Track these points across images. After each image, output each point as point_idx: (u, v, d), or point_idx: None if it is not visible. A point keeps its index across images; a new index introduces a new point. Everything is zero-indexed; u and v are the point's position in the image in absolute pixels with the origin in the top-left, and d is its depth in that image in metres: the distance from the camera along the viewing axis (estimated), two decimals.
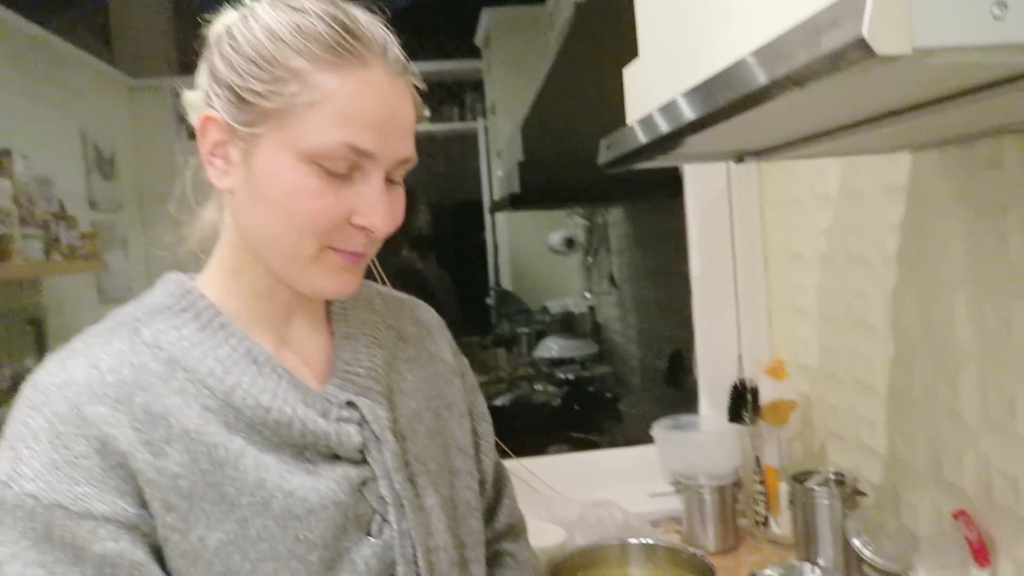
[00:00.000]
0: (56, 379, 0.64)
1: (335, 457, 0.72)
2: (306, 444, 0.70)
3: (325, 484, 0.70)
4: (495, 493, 0.94)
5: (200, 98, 0.70)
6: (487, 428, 0.92)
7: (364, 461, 0.73)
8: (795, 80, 0.48)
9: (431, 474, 0.79)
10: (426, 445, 0.80)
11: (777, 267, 1.53)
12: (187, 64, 0.75)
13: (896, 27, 0.40)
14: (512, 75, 3.66)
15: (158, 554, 0.64)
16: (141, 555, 0.62)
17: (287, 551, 0.67)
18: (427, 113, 4.17)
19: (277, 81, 0.65)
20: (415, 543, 0.73)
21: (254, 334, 0.72)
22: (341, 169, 0.66)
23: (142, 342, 0.68)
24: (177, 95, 0.74)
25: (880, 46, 0.40)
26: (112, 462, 0.62)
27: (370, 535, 0.72)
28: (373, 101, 0.66)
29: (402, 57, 0.70)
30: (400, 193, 0.73)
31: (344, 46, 0.65)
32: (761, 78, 0.53)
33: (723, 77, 0.61)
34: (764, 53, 0.53)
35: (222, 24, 0.69)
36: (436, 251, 2.39)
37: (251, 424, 0.68)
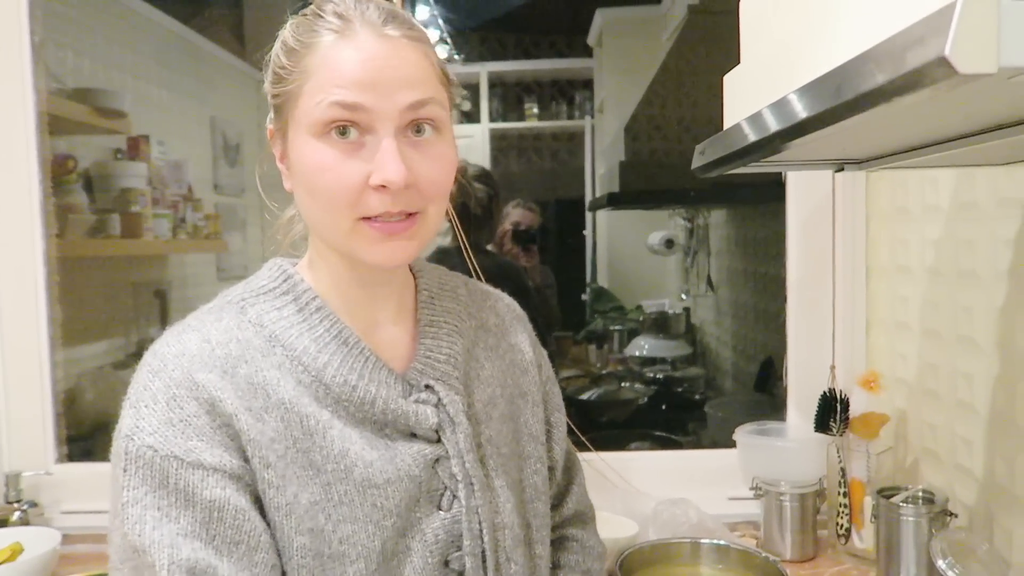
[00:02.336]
0: (173, 349, 0.71)
1: (413, 435, 0.77)
2: (386, 421, 0.75)
3: (402, 459, 0.75)
4: (565, 480, 0.98)
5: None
6: (560, 418, 0.95)
7: (439, 440, 0.78)
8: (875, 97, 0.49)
9: (502, 456, 0.84)
10: (499, 429, 0.84)
11: (879, 278, 1.49)
12: None
13: (982, 45, 0.39)
14: (623, 75, 3.65)
15: (259, 504, 0.70)
16: (244, 502, 0.68)
17: (364, 515, 0.72)
18: (535, 110, 4.21)
19: (281, 81, 0.73)
20: (482, 519, 0.78)
21: (345, 318, 0.78)
22: (350, 134, 0.70)
23: (247, 320, 0.75)
24: None
25: (963, 65, 0.39)
26: (219, 422, 0.69)
27: (441, 509, 0.77)
28: (355, 59, 0.70)
29: (384, 11, 0.73)
30: (431, 142, 0.74)
31: (321, 26, 0.72)
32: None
33: (838, 75, 0.57)
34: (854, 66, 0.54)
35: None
36: (540, 247, 2.42)
37: (338, 400, 0.74)
